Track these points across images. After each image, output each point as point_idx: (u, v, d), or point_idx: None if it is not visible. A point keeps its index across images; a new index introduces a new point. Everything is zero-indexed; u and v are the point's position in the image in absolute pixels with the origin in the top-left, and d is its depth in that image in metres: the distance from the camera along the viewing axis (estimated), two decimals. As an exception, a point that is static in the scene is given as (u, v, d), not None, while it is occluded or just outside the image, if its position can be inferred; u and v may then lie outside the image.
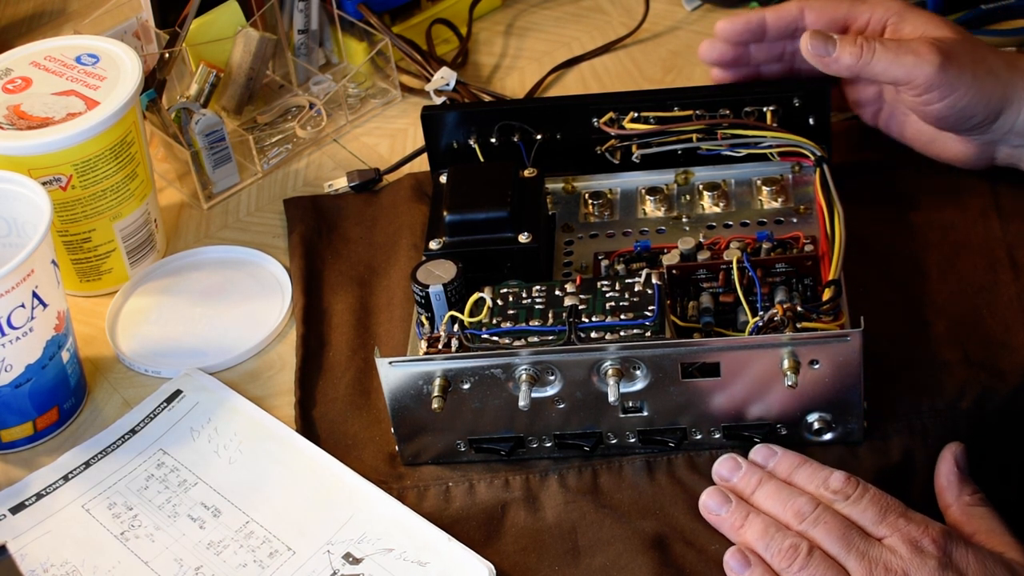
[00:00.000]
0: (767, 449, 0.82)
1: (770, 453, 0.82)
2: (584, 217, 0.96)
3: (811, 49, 0.91)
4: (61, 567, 0.85)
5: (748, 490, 0.80)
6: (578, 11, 1.24)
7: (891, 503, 0.77)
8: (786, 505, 0.78)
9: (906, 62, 0.89)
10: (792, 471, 0.81)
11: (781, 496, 0.79)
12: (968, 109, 0.90)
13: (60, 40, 1.05)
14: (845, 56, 0.90)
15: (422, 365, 0.83)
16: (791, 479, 0.80)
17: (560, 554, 0.82)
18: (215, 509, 0.87)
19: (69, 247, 1.01)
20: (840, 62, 0.90)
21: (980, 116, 0.91)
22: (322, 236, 1.04)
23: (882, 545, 0.76)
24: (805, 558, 0.76)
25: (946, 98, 0.90)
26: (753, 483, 0.80)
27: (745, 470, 0.81)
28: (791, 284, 0.85)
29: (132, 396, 0.96)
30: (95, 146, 0.97)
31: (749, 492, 0.80)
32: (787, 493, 0.79)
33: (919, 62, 0.89)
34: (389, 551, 0.82)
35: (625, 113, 0.96)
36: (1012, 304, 0.90)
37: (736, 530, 0.79)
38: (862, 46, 0.90)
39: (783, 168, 0.95)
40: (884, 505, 0.77)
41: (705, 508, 0.80)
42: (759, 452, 0.82)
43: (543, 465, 0.86)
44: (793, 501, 0.78)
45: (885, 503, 0.77)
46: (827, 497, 0.78)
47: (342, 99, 1.16)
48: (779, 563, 0.76)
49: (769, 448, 0.82)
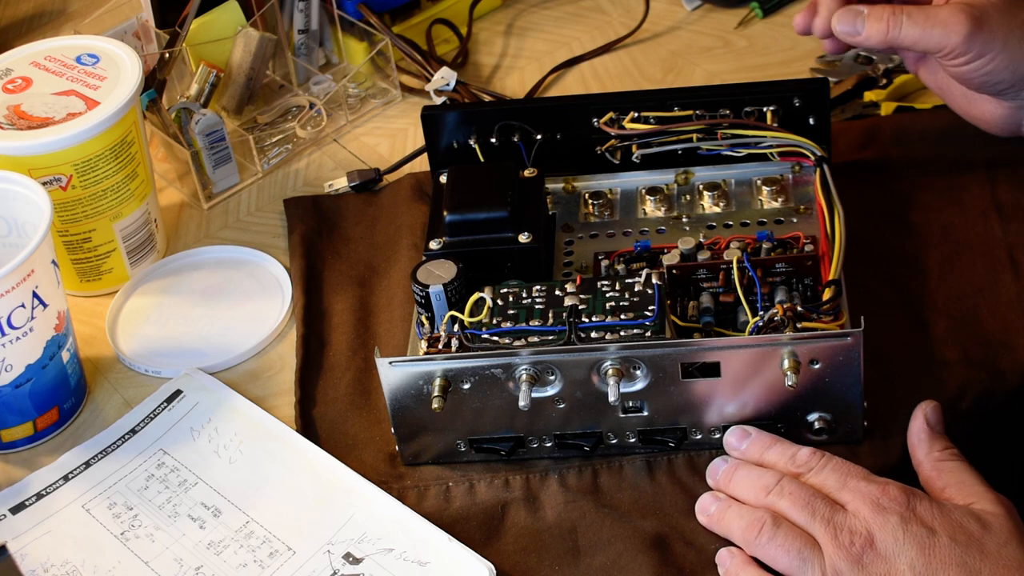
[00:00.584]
0: (741, 431, 0.83)
1: (744, 435, 0.82)
2: (584, 217, 0.96)
3: (840, 28, 0.92)
4: (61, 567, 0.85)
5: (726, 483, 0.81)
6: (578, 11, 1.24)
7: (852, 469, 0.78)
8: (755, 484, 0.79)
9: (934, 34, 0.89)
10: (763, 452, 0.81)
11: (751, 477, 0.80)
12: (995, 73, 0.90)
13: (60, 40, 1.05)
14: (874, 32, 0.91)
15: (422, 365, 0.83)
16: (763, 459, 0.81)
17: (560, 554, 0.82)
18: (215, 509, 0.87)
19: (69, 247, 1.01)
20: (870, 39, 0.91)
21: (1008, 81, 0.90)
22: (322, 236, 1.04)
23: (846, 510, 0.76)
24: (771, 528, 0.76)
25: (972, 63, 0.89)
26: (730, 474, 0.81)
27: (726, 466, 0.82)
28: (791, 284, 0.85)
29: (132, 396, 0.96)
30: (95, 146, 0.97)
31: (726, 484, 0.81)
32: (757, 474, 0.80)
33: (947, 32, 0.89)
34: (389, 551, 0.82)
35: (625, 113, 0.96)
36: (1012, 304, 0.90)
37: (719, 523, 0.80)
38: (888, 20, 0.90)
39: (783, 168, 0.95)
40: (845, 471, 0.78)
41: (698, 511, 0.81)
42: (733, 434, 0.83)
43: (543, 465, 0.86)
44: (761, 478, 0.79)
45: (846, 469, 0.78)
46: (794, 472, 0.79)
47: (342, 99, 1.16)
48: (747, 537, 0.77)
49: (743, 430, 0.82)
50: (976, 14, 0.89)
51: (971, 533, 0.74)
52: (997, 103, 0.93)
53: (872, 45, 0.92)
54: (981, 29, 0.88)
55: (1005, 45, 0.89)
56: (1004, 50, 0.89)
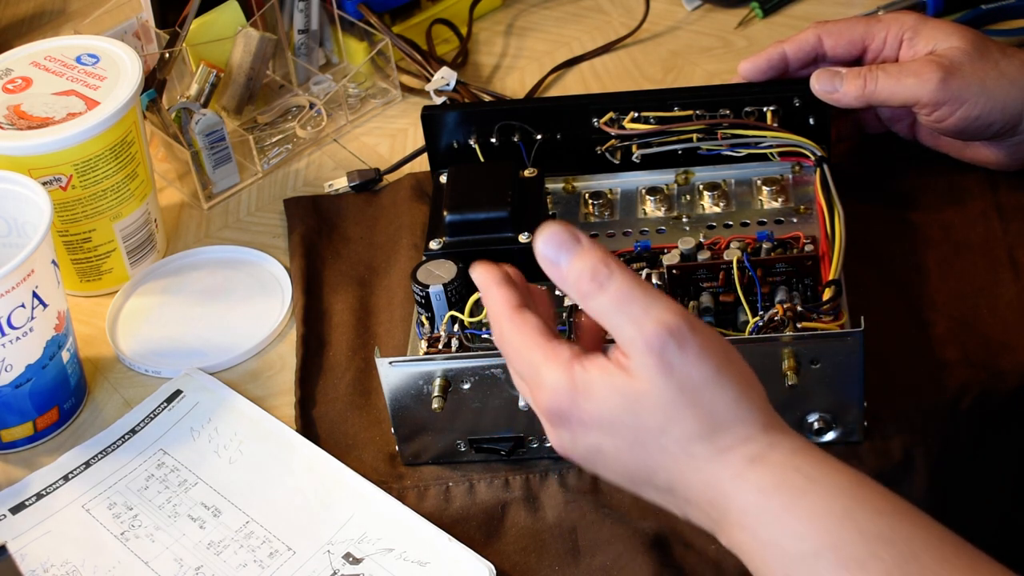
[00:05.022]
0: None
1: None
2: (584, 217, 0.96)
3: (819, 88, 0.93)
4: (61, 567, 0.85)
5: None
6: (578, 11, 1.24)
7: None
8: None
9: (908, 84, 0.91)
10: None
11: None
12: (983, 118, 0.91)
13: (60, 40, 1.05)
14: (851, 89, 0.92)
15: (422, 365, 0.83)
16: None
17: (560, 554, 0.82)
18: (215, 509, 0.87)
19: (69, 247, 1.01)
20: (848, 95, 0.92)
21: (999, 123, 0.91)
22: (322, 236, 1.04)
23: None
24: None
25: (956, 112, 0.90)
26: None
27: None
28: (791, 284, 0.85)
29: (132, 396, 0.96)
30: (95, 146, 0.97)
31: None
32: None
33: (920, 82, 0.90)
34: (389, 551, 0.82)
35: (625, 113, 0.96)
36: (1012, 304, 0.90)
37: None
38: (865, 77, 0.92)
39: (783, 168, 0.95)
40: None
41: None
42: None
43: (543, 465, 0.86)
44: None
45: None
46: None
47: (342, 99, 1.16)
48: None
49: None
50: (946, 63, 0.90)
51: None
52: (995, 149, 0.95)
53: (849, 102, 0.93)
54: (953, 76, 0.90)
55: (983, 88, 0.90)
56: (983, 93, 0.90)
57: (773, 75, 0.96)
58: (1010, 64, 0.91)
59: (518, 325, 0.72)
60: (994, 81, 0.90)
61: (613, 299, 0.68)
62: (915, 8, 1.12)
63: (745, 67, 0.97)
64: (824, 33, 0.95)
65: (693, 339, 0.67)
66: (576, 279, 0.69)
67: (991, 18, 1.12)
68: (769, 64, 0.96)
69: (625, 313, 0.68)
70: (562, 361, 0.70)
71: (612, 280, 0.68)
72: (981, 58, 0.91)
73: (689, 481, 0.68)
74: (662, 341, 0.67)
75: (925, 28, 0.93)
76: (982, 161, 0.97)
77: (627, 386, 0.68)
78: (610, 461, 0.70)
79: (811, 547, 0.64)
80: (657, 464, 0.69)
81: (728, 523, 0.67)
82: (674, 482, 0.69)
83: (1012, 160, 0.95)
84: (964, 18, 1.11)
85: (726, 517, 0.67)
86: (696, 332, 0.67)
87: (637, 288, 0.68)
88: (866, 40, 0.95)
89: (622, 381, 0.68)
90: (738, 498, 0.67)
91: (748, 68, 0.97)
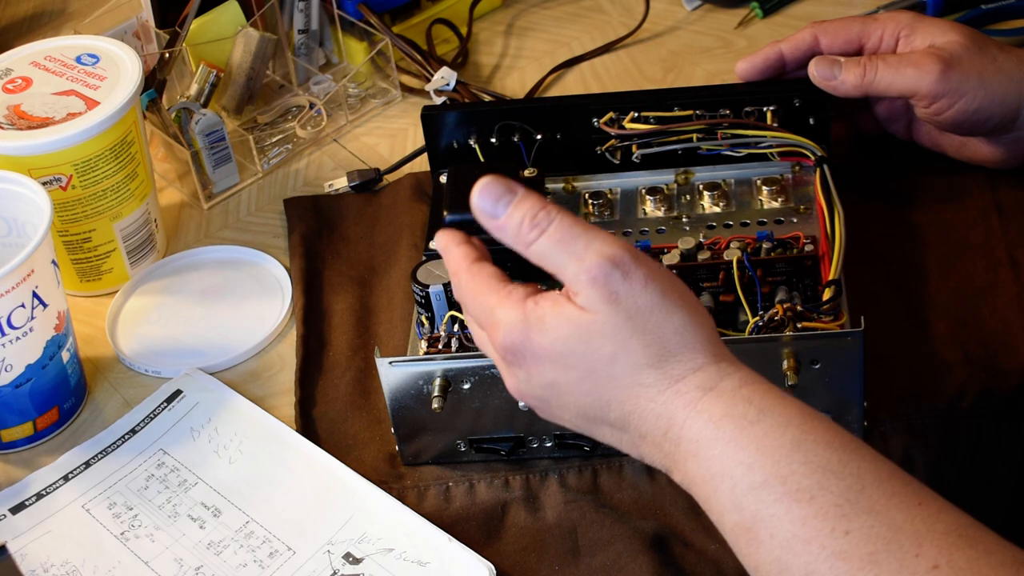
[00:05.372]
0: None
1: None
2: (584, 217, 0.96)
3: (818, 75, 0.93)
4: (61, 567, 0.85)
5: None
6: (578, 11, 1.24)
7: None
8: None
9: (908, 75, 0.91)
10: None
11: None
12: (982, 111, 0.91)
13: (60, 40, 1.05)
14: (850, 77, 0.92)
15: (422, 365, 0.83)
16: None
17: (560, 554, 0.82)
18: (215, 509, 0.87)
19: (69, 247, 1.01)
20: (846, 83, 0.92)
21: (997, 117, 0.91)
22: (322, 236, 1.04)
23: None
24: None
25: (955, 104, 0.90)
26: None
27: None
28: (791, 284, 0.85)
29: (132, 396, 0.96)
30: (95, 146, 0.97)
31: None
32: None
33: (920, 73, 0.90)
34: (389, 551, 0.82)
35: (625, 113, 0.96)
36: (1012, 304, 0.90)
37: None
38: (864, 65, 0.92)
39: (783, 168, 0.95)
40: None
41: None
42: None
43: (543, 465, 0.86)
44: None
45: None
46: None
47: (342, 99, 1.16)
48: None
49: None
50: (945, 56, 0.91)
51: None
52: (993, 146, 0.95)
53: (847, 91, 0.93)
54: (952, 68, 0.90)
55: (982, 81, 0.90)
56: (982, 86, 0.90)
57: (770, 74, 0.96)
58: (1008, 59, 0.91)
59: (474, 274, 0.74)
60: (992, 75, 0.90)
61: (554, 240, 0.69)
62: (914, 8, 1.12)
63: (742, 66, 0.97)
64: (820, 32, 0.96)
65: (637, 269, 0.68)
66: (516, 227, 0.71)
67: (991, 18, 1.12)
68: (766, 63, 0.96)
69: (568, 251, 0.69)
70: (515, 299, 0.71)
71: (552, 222, 0.70)
72: (979, 52, 0.91)
73: (643, 413, 0.69)
74: (605, 272, 0.68)
75: (922, 26, 0.93)
76: (980, 159, 0.97)
77: (577, 316, 0.69)
78: (565, 397, 0.71)
79: (760, 477, 0.65)
80: (611, 396, 0.69)
81: (681, 454, 0.68)
82: (628, 415, 0.69)
83: (1010, 157, 0.95)
84: (964, 18, 1.11)
85: (678, 448, 0.68)
86: (640, 263, 0.69)
87: (577, 226, 0.70)
88: (862, 39, 0.95)
89: (571, 311, 0.69)
90: (690, 427, 0.67)
91: (745, 67, 0.97)
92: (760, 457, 0.65)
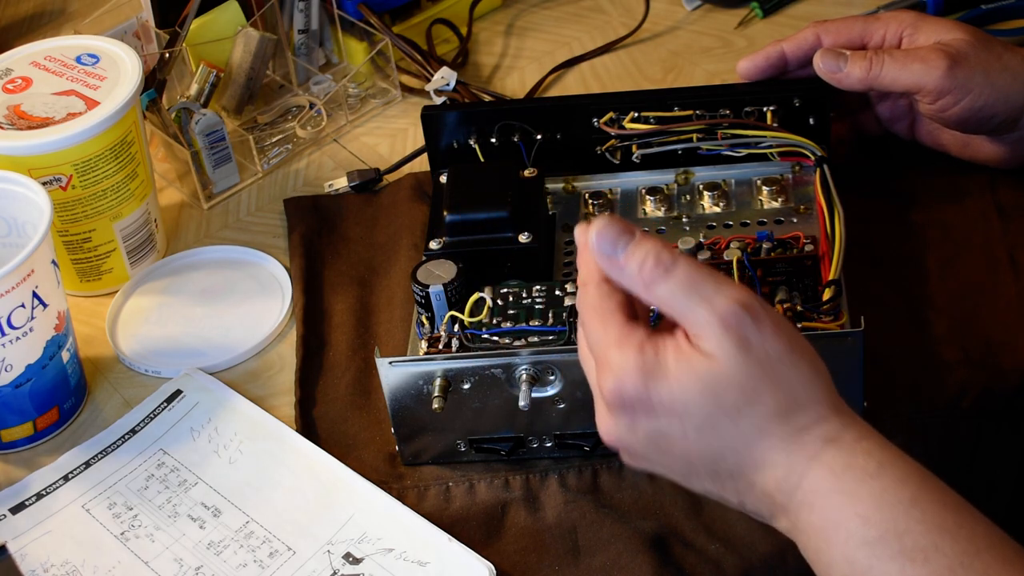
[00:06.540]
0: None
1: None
2: (584, 217, 0.96)
3: (823, 67, 0.93)
4: (61, 567, 0.85)
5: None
6: (578, 11, 1.24)
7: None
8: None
9: (914, 69, 0.91)
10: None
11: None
12: (987, 109, 0.91)
13: (60, 40, 1.05)
14: (856, 70, 0.92)
15: (422, 365, 0.83)
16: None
17: (560, 554, 0.82)
18: (215, 509, 0.87)
19: (69, 247, 1.01)
20: (852, 76, 0.92)
21: (1002, 115, 0.91)
22: (322, 236, 1.04)
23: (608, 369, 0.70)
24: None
25: (960, 101, 0.90)
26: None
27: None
28: (791, 284, 0.85)
29: (132, 396, 0.96)
30: (95, 146, 0.97)
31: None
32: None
33: (926, 68, 0.90)
34: (389, 551, 0.82)
35: (625, 113, 0.96)
36: (1012, 304, 0.90)
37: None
38: (871, 59, 0.92)
39: (783, 168, 0.95)
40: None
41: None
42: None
43: (543, 465, 0.86)
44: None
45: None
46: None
47: (342, 99, 1.16)
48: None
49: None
50: (952, 52, 0.90)
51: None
52: (996, 145, 0.95)
53: (852, 84, 0.93)
54: (959, 65, 0.90)
55: (987, 78, 0.90)
56: (987, 83, 0.90)
57: (771, 74, 0.96)
58: (1013, 58, 0.91)
59: (603, 295, 0.71)
60: (998, 73, 0.90)
61: (681, 282, 0.67)
62: (915, 8, 1.12)
63: (743, 65, 0.97)
64: (822, 31, 0.95)
65: (767, 316, 0.67)
66: (638, 267, 0.68)
67: (991, 18, 1.12)
68: (768, 63, 0.96)
69: (696, 294, 0.67)
70: (634, 343, 0.69)
71: (677, 264, 0.68)
72: (985, 50, 0.91)
73: (761, 463, 0.67)
74: (738, 318, 0.66)
75: (925, 25, 0.93)
76: (983, 158, 0.97)
77: (704, 368, 0.67)
78: (672, 448, 0.69)
79: (876, 533, 0.64)
80: (726, 447, 0.68)
81: (795, 504, 0.67)
82: (743, 464, 0.68)
83: (1013, 156, 0.95)
84: (964, 18, 1.11)
85: (791, 498, 0.67)
86: (767, 309, 0.67)
87: (703, 269, 0.68)
88: (865, 38, 0.95)
89: (699, 362, 0.67)
90: (810, 478, 0.66)
91: (746, 67, 0.97)
92: (878, 512, 0.65)
